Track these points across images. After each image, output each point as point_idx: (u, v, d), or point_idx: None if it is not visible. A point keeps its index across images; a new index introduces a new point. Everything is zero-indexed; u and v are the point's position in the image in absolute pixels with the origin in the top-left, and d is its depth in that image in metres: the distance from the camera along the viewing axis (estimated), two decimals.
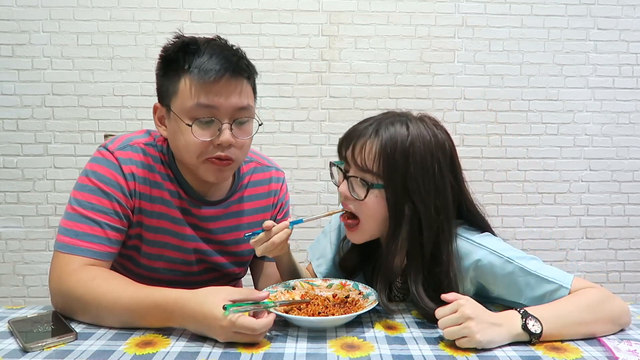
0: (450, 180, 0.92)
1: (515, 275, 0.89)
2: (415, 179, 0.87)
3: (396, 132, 0.89)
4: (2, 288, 2.60)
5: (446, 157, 0.92)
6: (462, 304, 0.79)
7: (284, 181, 1.22)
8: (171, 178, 1.03)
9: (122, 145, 1.00)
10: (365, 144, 0.90)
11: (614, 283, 2.73)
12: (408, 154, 0.87)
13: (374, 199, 0.90)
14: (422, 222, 0.89)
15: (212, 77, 0.90)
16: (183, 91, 0.92)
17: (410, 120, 0.91)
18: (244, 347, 0.76)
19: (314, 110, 2.61)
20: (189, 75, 0.92)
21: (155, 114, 1.01)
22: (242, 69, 0.95)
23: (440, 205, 0.90)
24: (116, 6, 2.49)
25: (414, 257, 0.91)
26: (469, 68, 2.62)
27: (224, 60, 0.92)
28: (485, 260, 0.91)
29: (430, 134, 0.90)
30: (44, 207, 2.56)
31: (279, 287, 0.98)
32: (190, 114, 0.92)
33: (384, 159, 0.88)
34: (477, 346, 0.76)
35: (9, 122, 2.53)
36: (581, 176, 2.71)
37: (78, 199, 0.96)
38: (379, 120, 0.93)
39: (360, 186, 0.91)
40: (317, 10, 2.55)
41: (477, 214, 0.98)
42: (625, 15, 2.63)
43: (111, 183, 0.96)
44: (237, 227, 1.12)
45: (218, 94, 0.92)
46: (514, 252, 0.91)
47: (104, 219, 0.94)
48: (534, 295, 0.89)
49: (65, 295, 0.89)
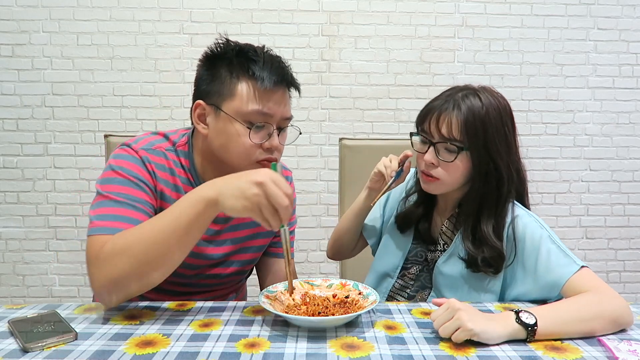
0: (514, 137, 1.08)
1: (543, 240, 1.00)
2: (493, 141, 1.02)
3: (473, 104, 1.02)
4: (2, 288, 2.60)
5: (510, 119, 1.07)
6: (453, 301, 0.82)
7: (291, 180, 1.26)
8: (191, 182, 1.05)
9: (146, 147, 1.02)
10: (447, 117, 1.02)
11: (614, 283, 2.73)
12: (485, 120, 1.01)
13: (460, 161, 1.03)
14: (501, 175, 1.03)
15: (273, 86, 0.97)
16: (241, 95, 0.96)
17: (479, 91, 1.05)
18: (244, 347, 0.77)
19: (314, 110, 2.61)
20: (251, 81, 0.97)
21: (194, 111, 1.02)
22: (294, 82, 1.03)
23: (512, 159, 1.06)
24: (116, 6, 2.49)
25: (488, 205, 1.05)
26: (469, 68, 2.62)
27: (281, 70, 0.99)
28: (524, 218, 1.04)
29: (497, 102, 1.05)
30: (44, 207, 2.56)
31: (279, 286, 0.98)
32: (246, 118, 0.97)
33: (468, 127, 1.01)
34: (471, 336, 0.77)
35: (9, 122, 2.53)
36: (581, 176, 2.71)
37: (109, 190, 0.94)
38: (452, 95, 1.04)
39: (447, 151, 1.03)
40: (317, 10, 2.55)
41: (522, 173, 1.11)
42: (625, 15, 2.63)
43: (139, 177, 0.97)
44: (248, 225, 1.14)
45: (276, 102, 0.99)
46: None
47: (139, 205, 0.94)
48: (549, 264, 0.97)
49: (108, 257, 0.84)
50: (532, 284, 1.00)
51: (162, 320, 0.87)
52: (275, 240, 1.24)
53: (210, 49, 1.01)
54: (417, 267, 1.17)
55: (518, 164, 1.08)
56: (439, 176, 1.06)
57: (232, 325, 0.86)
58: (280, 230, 0.85)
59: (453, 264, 1.08)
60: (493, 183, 1.04)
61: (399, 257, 1.19)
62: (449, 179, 1.06)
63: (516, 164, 1.07)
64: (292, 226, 1.28)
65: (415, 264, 1.17)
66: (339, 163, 1.61)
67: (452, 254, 1.09)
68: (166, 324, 0.86)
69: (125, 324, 0.86)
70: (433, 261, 1.14)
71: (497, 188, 1.04)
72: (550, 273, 0.97)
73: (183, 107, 2.54)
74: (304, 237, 2.60)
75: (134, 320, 0.87)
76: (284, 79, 0.99)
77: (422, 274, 1.16)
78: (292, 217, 1.27)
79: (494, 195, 1.04)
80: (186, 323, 0.86)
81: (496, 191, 1.04)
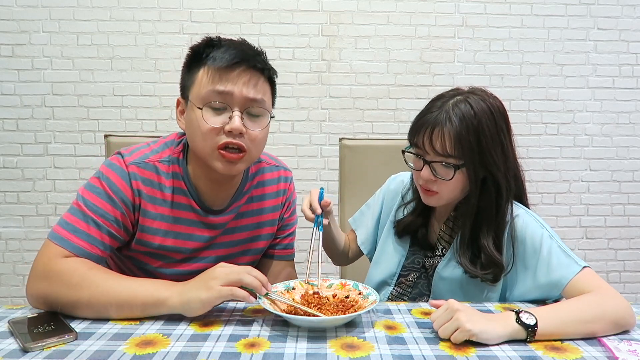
0: (510, 140, 1.04)
1: (543, 239, 0.99)
2: (489, 151, 0.99)
3: (464, 114, 0.98)
4: (2, 288, 2.60)
5: (504, 122, 1.03)
6: (452, 302, 0.82)
7: (292, 180, 1.25)
8: (183, 191, 1.04)
9: (137, 161, 1.02)
10: (441, 132, 0.98)
11: (614, 283, 2.73)
12: (479, 131, 0.98)
13: (457, 176, 1.00)
14: (499, 187, 1.01)
15: (226, 64, 0.93)
16: (200, 80, 0.96)
17: (469, 97, 1.01)
18: (244, 347, 0.77)
19: (314, 110, 2.61)
20: (206, 64, 0.95)
21: (177, 109, 1.05)
22: (259, 62, 0.97)
23: (509, 167, 1.03)
24: (116, 6, 2.49)
25: (487, 217, 1.02)
26: (469, 68, 2.62)
27: (241, 52, 0.95)
28: (524, 217, 1.03)
29: (489, 105, 1.01)
30: (44, 207, 2.56)
31: (279, 286, 0.98)
32: (205, 101, 0.95)
33: (462, 141, 0.97)
34: (470, 336, 0.77)
35: (9, 122, 2.53)
36: (581, 176, 2.71)
37: (85, 198, 0.97)
38: (442, 106, 1.00)
39: (444, 168, 1.01)
40: (317, 10, 2.55)
41: (520, 176, 1.09)
42: (625, 15, 2.63)
43: (118, 192, 0.98)
44: (246, 227, 1.14)
45: (232, 81, 0.94)
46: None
47: (104, 223, 0.96)
48: (550, 264, 0.96)
49: (54, 276, 0.89)
50: (533, 283, 0.99)
51: (162, 320, 0.87)
52: (275, 243, 1.23)
53: (189, 48, 1.01)
54: (414, 274, 1.16)
55: (516, 170, 1.06)
56: (439, 190, 1.04)
57: (232, 325, 0.86)
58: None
59: (453, 267, 1.08)
60: (491, 195, 1.02)
61: (396, 265, 1.18)
62: (449, 193, 1.04)
63: (514, 170, 1.04)
64: (292, 227, 1.27)
65: (412, 271, 1.16)
66: (339, 163, 1.61)
67: (452, 258, 1.09)
68: (166, 324, 0.86)
69: (125, 324, 0.86)
70: (432, 267, 1.13)
71: (496, 200, 1.02)
72: (551, 273, 0.96)
73: None
74: (304, 237, 2.59)
75: (134, 320, 0.87)
76: (243, 57, 0.94)
77: (419, 281, 1.15)
78: (293, 217, 1.27)
79: (492, 207, 1.02)
80: (186, 323, 0.86)
81: (495, 202, 1.02)
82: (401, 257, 1.18)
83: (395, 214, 1.22)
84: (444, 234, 1.12)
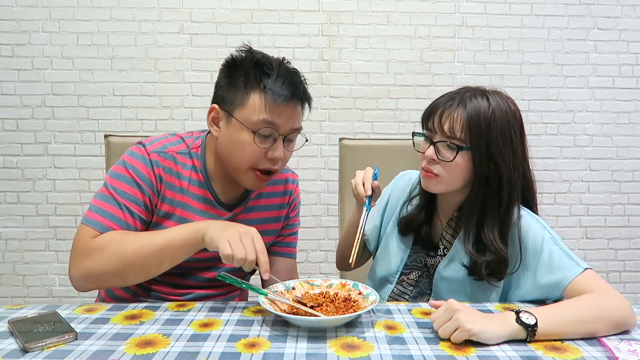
0: (522, 144, 1.06)
1: (544, 240, 1.00)
2: (497, 142, 1.00)
3: (479, 104, 1.00)
4: (2, 288, 2.60)
5: (518, 125, 1.05)
6: (451, 302, 0.82)
7: (298, 183, 1.31)
8: (202, 183, 1.11)
9: (158, 150, 1.08)
10: (451, 114, 1.01)
11: (614, 283, 2.73)
12: (490, 121, 1.00)
13: (460, 160, 1.01)
14: (502, 179, 1.01)
15: (283, 101, 1.00)
16: (252, 105, 1.01)
17: (488, 93, 1.03)
18: (244, 347, 0.77)
19: (314, 110, 2.59)
20: (262, 94, 1.00)
21: (209, 114, 1.08)
22: (307, 97, 1.07)
23: (516, 165, 1.03)
24: (116, 6, 2.49)
25: (491, 209, 1.03)
26: (469, 68, 2.62)
27: (293, 86, 1.02)
28: (526, 219, 1.04)
29: (506, 105, 1.03)
30: (44, 207, 2.56)
31: (279, 286, 0.98)
32: (256, 127, 1.01)
33: (471, 126, 0.99)
34: (470, 336, 0.77)
35: (9, 122, 2.53)
36: (581, 176, 2.71)
37: (114, 186, 1.03)
38: (460, 94, 1.03)
39: (448, 149, 1.02)
40: (317, 10, 2.55)
41: (531, 181, 1.10)
42: (625, 15, 2.63)
43: (144, 178, 1.05)
44: (253, 221, 1.16)
45: (283, 115, 1.02)
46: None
47: (134, 208, 1.03)
48: (551, 265, 0.97)
49: (96, 250, 0.96)
50: (533, 284, 0.99)
51: (162, 320, 0.88)
52: (278, 240, 1.26)
53: (231, 57, 1.06)
54: (416, 273, 1.16)
55: (525, 170, 1.06)
56: (439, 173, 1.04)
57: (232, 325, 0.86)
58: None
59: (454, 268, 1.08)
60: (494, 186, 1.02)
61: (398, 262, 1.18)
62: (449, 177, 1.04)
63: (522, 169, 1.05)
64: (296, 227, 1.31)
65: (414, 270, 1.16)
66: (339, 163, 1.61)
67: (452, 259, 1.09)
68: (166, 324, 0.86)
69: (125, 324, 0.86)
70: (433, 267, 1.13)
71: (498, 192, 1.02)
72: (552, 274, 0.96)
73: (183, 107, 2.54)
74: (304, 237, 2.59)
75: (134, 320, 0.87)
76: (296, 95, 1.02)
77: (421, 280, 1.15)
78: (297, 218, 1.31)
79: (495, 199, 1.02)
80: (186, 323, 0.86)
81: (497, 195, 1.02)
82: (404, 255, 1.18)
83: (400, 211, 1.22)
84: (446, 234, 1.12)
